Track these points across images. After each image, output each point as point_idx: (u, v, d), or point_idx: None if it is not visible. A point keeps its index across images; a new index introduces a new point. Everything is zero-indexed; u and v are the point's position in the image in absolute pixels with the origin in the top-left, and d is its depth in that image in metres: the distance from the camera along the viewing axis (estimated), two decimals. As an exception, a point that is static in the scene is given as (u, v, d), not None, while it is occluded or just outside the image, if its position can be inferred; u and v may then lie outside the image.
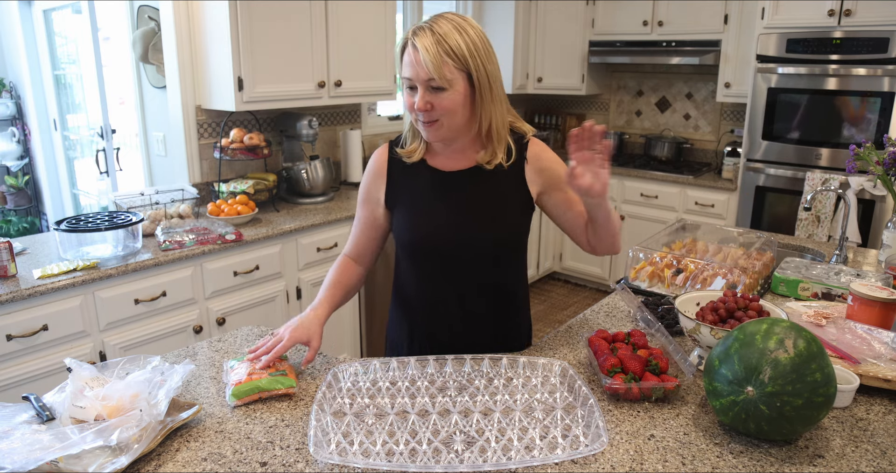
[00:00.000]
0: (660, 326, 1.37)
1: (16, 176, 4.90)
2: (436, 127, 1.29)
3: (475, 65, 1.24)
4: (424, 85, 1.24)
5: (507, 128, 1.36)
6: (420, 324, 1.49)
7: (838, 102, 3.35)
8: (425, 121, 1.28)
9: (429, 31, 1.22)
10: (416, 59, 1.23)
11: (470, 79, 1.25)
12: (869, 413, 1.19)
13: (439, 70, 1.21)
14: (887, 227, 2.06)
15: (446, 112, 1.26)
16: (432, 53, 1.20)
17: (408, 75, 1.26)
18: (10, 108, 4.83)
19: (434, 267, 1.42)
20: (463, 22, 1.25)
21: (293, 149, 3.22)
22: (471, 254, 1.39)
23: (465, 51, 1.23)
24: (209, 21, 2.71)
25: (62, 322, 2.06)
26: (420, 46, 1.21)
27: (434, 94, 1.24)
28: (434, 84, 1.23)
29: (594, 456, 1.04)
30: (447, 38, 1.22)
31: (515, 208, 1.41)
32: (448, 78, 1.22)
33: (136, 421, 1.02)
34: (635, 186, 4.20)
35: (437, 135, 1.31)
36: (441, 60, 1.21)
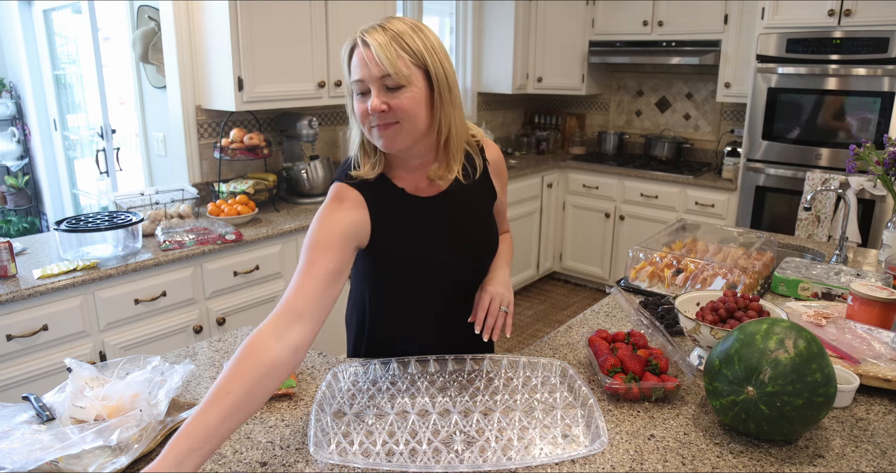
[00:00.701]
0: (660, 326, 1.37)
1: (16, 176, 4.90)
2: (393, 131, 1.13)
3: (433, 62, 1.13)
4: (379, 84, 1.10)
5: (464, 140, 1.25)
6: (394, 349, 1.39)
7: (838, 102, 3.35)
8: (381, 124, 1.13)
9: (380, 29, 1.11)
10: (367, 57, 1.10)
11: (428, 77, 1.13)
12: (869, 413, 1.19)
13: (395, 64, 1.08)
14: (887, 227, 2.06)
15: (405, 113, 1.11)
16: (385, 47, 1.08)
17: (358, 77, 1.12)
18: (10, 108, 4.83)
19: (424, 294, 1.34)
20: (418, 24, 1.16)
21: (293, 149, 3.22)
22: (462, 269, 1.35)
23: (421, 47, 1.12)
24: (209, 21, 2.71)
25: (62, 322, 2.06)
26: (372, 42, 1.09)
27: (390, 94, 1.11)
28: (390, 82, 1.10)
29: (594, 456, 1.04)
30: (402, 34, 1.11)
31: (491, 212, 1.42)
32: (405, 73, 1.10)
33: (136, 421, 1.02)
34: (635, 186, 4.20)
35: (393, 142, 1.14)
36: (396, 54, 1.09)
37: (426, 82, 1.14)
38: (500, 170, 1.42)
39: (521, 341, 3.76)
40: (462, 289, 1.37)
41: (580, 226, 4.53)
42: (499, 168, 1.42)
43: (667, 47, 4.15)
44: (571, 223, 4.57)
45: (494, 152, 1.40)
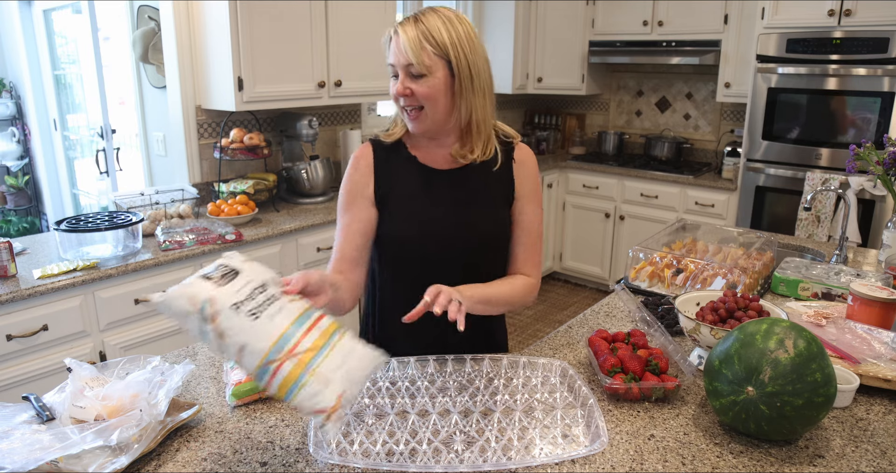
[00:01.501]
0: (660, 326, 1.37)
1: (16, 176, 4.90)
2: (421, 117, 1.29)
3: (455, 53, 1.24)
4: (404, 70, 1.25)
5: (489, 126, 1.35)
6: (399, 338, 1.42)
7: (838, 102, 3.35)
8: (408, 107, 1.29)
9: (413, 20, 1.25)
10: (397, 46, 1.25)
11: (450, 67, 1.25)
12: (869, 413, 1.19)
13: (418, 55, 1.22)
14: (887, 227, 2.06)
15: (426, 99, 1.26)
16: (412, 39, 1.22)
17: (391, 61, 1.28)
18: (10, 108, 4.83)
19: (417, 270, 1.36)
20: (453, 16, 1.27)
21: (293, 149, 3.22)
22: (457, 253, 1.36)
23: (445, 39, 1.23)
24: (209, 21, 2.71)
25: (62, 322, 2.06)
26: (402, 33, 1.24)
27: (414, 81, 1.25)
28: (413, 70, 1.24)
29: (594, 456, 1.04)
30: (430, 26, 1.23)
31: (502, 208, 1.41)
32: (426, 63, 1.23)
33: (136, 421, 1.02)
34: (635, 186, 4.20)
35: (421, 126, 1.31)
36: (420, 45, 1.22)
37: (447, 72, 1.25)
38: (528, 174, 1.42)
39: (521, 341, 3.76)
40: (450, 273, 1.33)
41: (580, 226, 4.53)
42: (527, 172, 1.41)
43: (667, 47, 4.15)
44: (571, 223, 4.57)
45: (526, 157, 1.42)
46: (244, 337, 0.90)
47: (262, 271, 1.00)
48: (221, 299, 0.90)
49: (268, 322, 0.92)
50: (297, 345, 0.91)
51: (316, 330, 0.95)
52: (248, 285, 0.94)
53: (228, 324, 0.89)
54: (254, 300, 0.92)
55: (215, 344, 0.91)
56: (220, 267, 0.96)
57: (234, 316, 0.90)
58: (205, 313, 0.89)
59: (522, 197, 1.41)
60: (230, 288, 0.92)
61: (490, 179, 1.38)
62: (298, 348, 0.91)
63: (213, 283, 0.92)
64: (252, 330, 0.90)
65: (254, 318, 0.91)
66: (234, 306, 0.90)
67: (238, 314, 0.90)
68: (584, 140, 4.94)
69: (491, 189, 1.39)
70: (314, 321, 0.97)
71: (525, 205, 1.41)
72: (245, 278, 0.95)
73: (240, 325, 0.90)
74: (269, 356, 0.90)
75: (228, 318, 0.89)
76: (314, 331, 0.95)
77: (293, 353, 0.90)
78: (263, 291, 0.95)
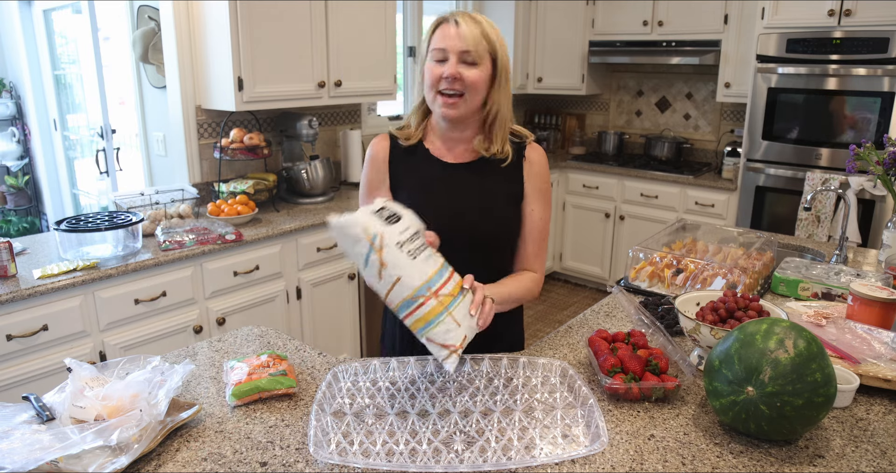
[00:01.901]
0: (660, 326, 1.37)
1: (16, 176, 4.90)
2: (458, 104, 1.33)
3: (501, 53, 1.36)
4: (458, 56, 1.31)
5: (509, 123, 1.42)
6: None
7: (838, 102, 3.35)
8: (448, 90, 1.32)
9: (469, 16, 1.34)
10: (455, 32, 1.31)
11: (494, 65, 1.35)
12: (869, 413, 1.19)
13: (478, 45, 1.31)
14: (887, 227, 2.06)
15: (472, 85, 1.31)
16: (474, 31, 1.31)
17: (442, 46, 1.32)
18: (10, 108, 4.83)
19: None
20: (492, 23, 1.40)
21: (293, 149, 3.22)
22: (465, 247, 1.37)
23: (494, 39, 1.35)
24: (209, 21, 2.71)
25: (62, 322, 2.06)
26: (462, 22, 1.32)
27: (465, 67, 1.31)
28: (468, 58, 1.31)
29: (594, 456, 1.04)
30: (484, 24, 1.35)
31: (512, 203, 1.44)
32: (481, 54, 1.32)
33: (136, 421, 1.02)
34: (635, 186, 4.20)
35: (456, 112, 1.34)
36: (479, 38, 1.32)
37: (492, 67, 1.35)
38: (539, 173, 1.45)
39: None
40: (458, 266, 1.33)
41: (580, 225, 4.53)
42: (535, 168, 1.44)
43: (667, 47, 4.15)
44: (571, 223, 4.57)
45: (537, 156, 1.46)
46: (401, 271, 1.08)
47: (417, 221, 1.17)
48: (388, 236, 1.09)
49: (422, 263, 1.10)
50: (440, 288, 1.10)
51: (453, 281, 1.14)
52: (409, 229, 1.12)
53: (391, 258, 1.08)
54: (412, 243, 1.11)
55: (375, 270, 1.09)
56: (384, 209, 1.13)
57: (396, 252, 1.08)
58: (374, 243, 1.08)
59: (531, 195, 1.44)
60: (396, 228, 1.10)
61: (500, 176, 1.42)
62: (442, 291, 1.10)
63: (382, 221, 1.10)
64: (409, 267, 1.09)
65: (412, 258, 1.09)
66: (397, 244, 1.08)
67: (400, 251, 1.09)
68: (584, 140, 4.95)
69: (500, 185, 1.42)
70: (451, 273, 1.15)
71: (534, 203, 1.44)
72: (406, 222, 1.13)
73: (400, 261, 1.08)
74: (418, 292, 1.09)
75: (391, 253, 1.08)
76: (452, 281, 1.13)
77: (437, 294, 1.09)
78: (419, 237, 1.13)
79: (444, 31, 1.33)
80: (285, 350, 1.45)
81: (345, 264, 3.02)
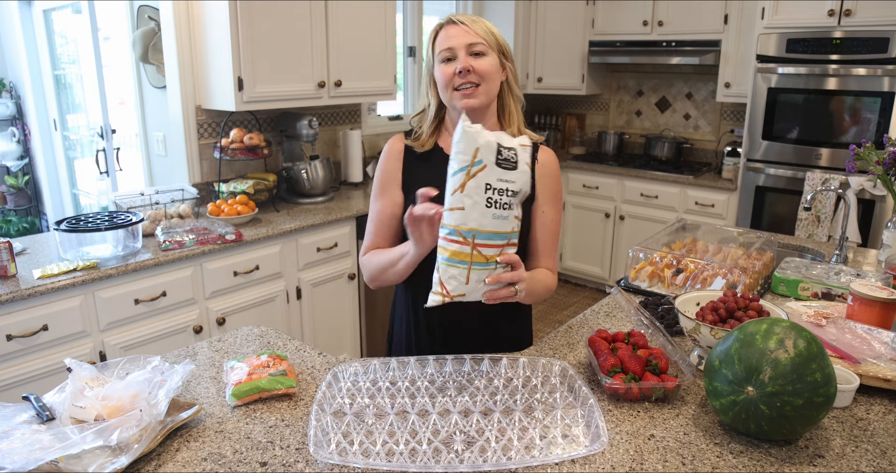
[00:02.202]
0: (660, 326, 1.37)
1: (16, 176, 4.90)
2: (476, 93, 1.35)
3: (505, 49, 1.40)
4: (466, 50, 1.34)
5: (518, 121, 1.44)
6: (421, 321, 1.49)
7: (838, 102, 3.35)
8: (465, 84, 1.34)
9: (467, 15, 1.38)
10: (458, 30, 1.35)
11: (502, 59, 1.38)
12: (869, 413, 1.19)
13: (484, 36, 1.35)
14: (887, 227, 2.06)
15: (485, 74, 1.34)
16: (476, 26, 1.35)
17: (448, 46, 1.35)
18: (10, 108, 4.83)
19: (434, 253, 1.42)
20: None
21: (293, 149, 3.22)
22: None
23: (496, 35, 1.39)
24: (209, 21, 2.71)
25: (62, 322, 2.06)
26: (466, 20, 1.36)
27: (474, 59, 1.34)
28: (476, 49, 1.34)
29: (594, 456, 1.04)
30: (485, 22, 1.39)
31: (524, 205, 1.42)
32: (488, 45, 1.35)
33: (136, 421, 1.02)
34: (635, 186, 4.20)
35: (476, 100, 1.36)
36: (484, 31, 1.36)
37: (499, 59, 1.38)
38: (549, 175, 1.45)
39: (521, 341, 3.76)
40: None
41: (580, 226, 4.53)
42: (547, 171, 1.45)
43: (667, 47, 4.15)
44: (571, 223, 4.57)
45: (548, 159, 1.47)
46: (468, 205, 1.10)
47: (526, 184, 1.16)
48: (488, 172, 1.11)
49: (490, 217, 1.11)
50: (483, 246, 1.11)
51: (496, 249, 1.13)
52: (509, 184, 1.13)
53: (470, 190, 1.10)
54: (500, 195, 1.11)
55: (452, 186, 1.12)
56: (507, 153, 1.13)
57: (479, 190, 1.10)
58: (472, 167, 1.10)
59: (543, 198, 1.44)
60: (498, 173, 1.11)
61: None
62: (481, 248, 1.11)
63: (496, 158, 1.12)
64: (476, 209, 1.10)
65: (486, 205, 1.11)
66: (487, 185, 1.10)
67: (483, 193, 1.10)
68: (584, 140, 4.94)
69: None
70: (505, 243, 1.14)
71: (545, 206, 1.45)
72: (514, 177, 1.13)
73: (475, 198, 1.10)
74: (465, 232, 1.10)
75: (475, 186, 1.10)
76: (495, 249, 1.13)
77: (476, 247, 1.11)
78: (513, 196, 1.13)
79: (447, 32, 1.36)
80: (285, 350, 1.45)
81: (345, 264, 3.02)
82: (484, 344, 1.46)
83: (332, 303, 2.99)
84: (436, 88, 1.41)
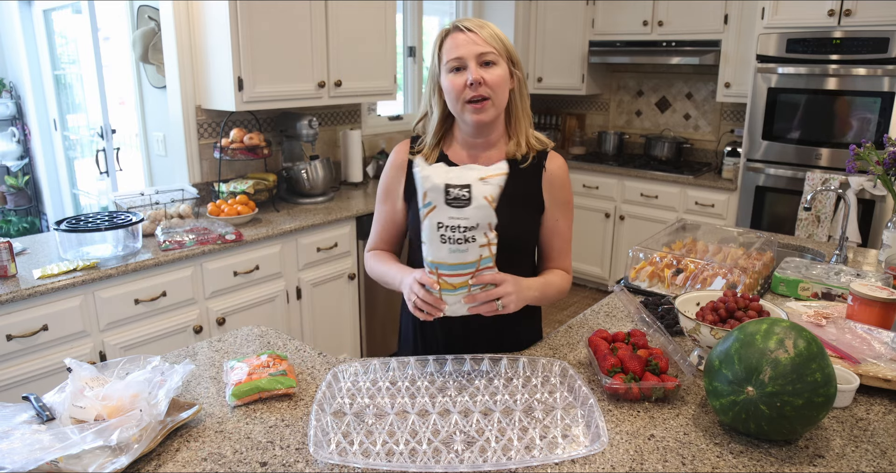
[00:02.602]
0: (660, 326, 1.37)
1: (16, 176, 4.90)
2: (486, 106, 1.32)
3: (513, 55, 1.35)
4: (476, 60, 1.30)
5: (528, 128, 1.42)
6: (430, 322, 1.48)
7: (838, 102, 3.35)
8: (475, 98, 1.30)
9: (472, 20, 1.33)
10: (466, 38, 1.30)
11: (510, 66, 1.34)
12: (869, 413, 1.19)
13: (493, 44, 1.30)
14: (887, 227, 2.06)
15: (496, 86, 1.30)
16: (485, 32, 1.30)
17: (456, 55, 1.30)
18: (10, 108, 4.83)
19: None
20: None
21: (293, 149, 3.22)
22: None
23: (504, 40, 1.34)
24: (209, 21, 2.71)
25: (62, 322, 2.06)
26: (473, 26, 1.31)
27: (485, 69, 1.30)
28: (486, 58, 1.30)
29: (594, 456, 1.04)
30: (492, 26, 1.34)
31: (531, 211, 1.43)
32: (498, 54, 1.31)
33: (136, 421, 1.02)
34: (635, 186, 4.20)
35: (486, 115, 1.33)
36: (493, 38, 1.31)
37: (508, 67, 1.34)
38: (558, 183, 1.43)
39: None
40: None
41: (580, 226, 4.53)
42: (556, 181, 1.43)
43: (667, 47, 4.15)
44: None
45: (557, 165, 1.44)
46: (427, 241, 1.19)
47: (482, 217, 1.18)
48: (438, 212, 1.17)
49: (447, 250, 1.18)
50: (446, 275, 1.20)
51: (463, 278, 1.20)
52: (461, 220, 1.17)
53: (426, 228, 1.18)
54: (454, 232, 1.17)
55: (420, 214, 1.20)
56: (454, 190, 1.17)
57: (433, 228, 1.17)
58: (426, 207, 1.17)
59: (554, 206, 1.43)
60: (448, 212, 1.16)
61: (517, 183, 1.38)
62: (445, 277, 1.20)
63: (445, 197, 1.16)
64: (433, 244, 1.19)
65: (441, 241, 1.18)
66: (438, 223, 1.17)
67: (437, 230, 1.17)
68: (584, 140, 4.94)
69: (520, 190, 1.39)
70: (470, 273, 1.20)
71: (557, 213, 1.44)
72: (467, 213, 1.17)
73: (431, 236, 1.19)
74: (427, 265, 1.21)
75: (429, 225, 1.18)
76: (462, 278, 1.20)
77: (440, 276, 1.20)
78: (469, 231, 1.17)
79: (455, 40, 1.31)
80: (285, 350, 1.45)
81: (345, 264, 3.02)
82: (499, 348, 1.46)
83: (332, 303, 2.99)
84: (441, 96, 1.38)
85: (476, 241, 1.18)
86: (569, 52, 4.53)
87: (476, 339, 1.46)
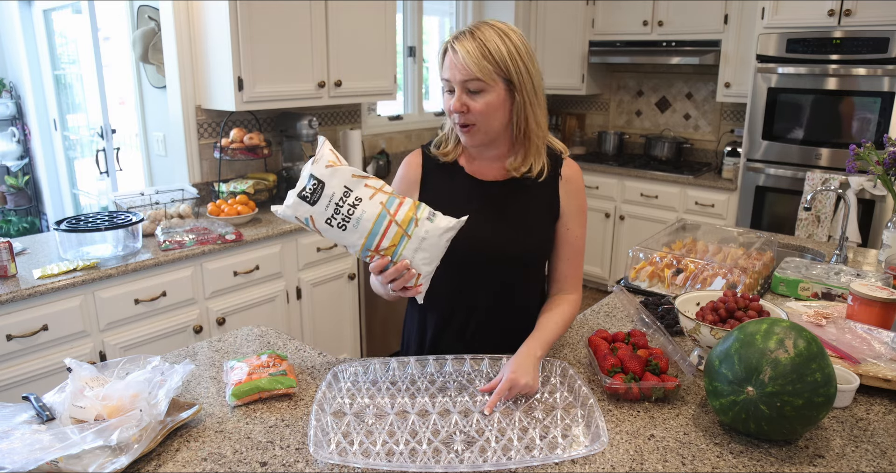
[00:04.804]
0: (660, 326, 1.37)
1: (16, 176, 4.90)
2: (473, 131, 1.29)
3: (516, 69, 1.24)
4: (461, 86, 1.25)
5: (544, 140, 1.35)
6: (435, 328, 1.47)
7: (838, 102, 3.35)
8: (461, 124, 1.28)
9: (470, 36, 1.23)
10: (455, 63, 1.23)
11: (510, 85, 1.25)
12: (869, 413, 1.19)
13: (477, 71, 1.21)
14: (887, 227, 2.06)
15: (482, 115, 1.26)
16: (472, 56, 1.21)
17: (446, 77, 1.27)
18: (10, 108, 4.83)
19: (458, 274, 1.38)
20: (506, 28, 1.27)
21: (293, 149, 3.22)
22: (499, 264, 1.37)
23: (505, 55, 1.23)
24: (209, 21, 2.71)
25: (62, 322, 2.06)
26: (460, 49, 1.22)
27: (470, 97, 1.25)
28: (470, 86, 1.24)
29: (594, 456, 1.04)
30: (488, 42, 1.22)
31: (546, 222, 1.40)
32: (486, 80, 1.22)
33: (136, 421, 1.02)
34: (635, 186, 4.20)
35: (473, 140, 1.31)
36: (480, 64, 1.21)
37: (506, 89, 1.26)
38: (576, 192, 1.41)
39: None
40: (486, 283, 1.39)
41: (580, 225, 4.52)
42: (573, 189, 1.40)
43: (667, 47, 4.15)
44: (571, 223, 4.56)
45: (573, 172, 1.41)
46: (342, 240, 1.20)
47: (344, 174, 1.19)
48: (317, 217, 1.18)
49: (353, 230, 1.17)
50: (378, 245, 1.17)
51: (392, 228, 1.17)
52: (332, 200, 1.17)
53: (329, 234, 1.19)
54: (339, 214, 1.17)
55: (328, 238, 1.21)
56: (311, 178, 1.17)
57: (329, 229, 1.18)
58: (310, 227, 1.19)
59: (568, 214, 1.40)
60: (320, 206, 1.17)
61: (535, 193, 1.37)
62: (381, 246, 1.17)
63: (308, 203, 1.17)
64: (345, 236, 1.19)
65: (342, 230, 1.18)
66: (327, 222, 1.18)
67: (332, 227, 1.18)
68: (584, 140, 4.94)
69: (535, 202, 1.38)
70: (390, 218, 1.17)
71: (570, 222, 1.40)
72: (329, 191, 1.17)
73: (336, 235, 1.19)
74: (363, 252, 1.19)
75: (326, 231, 1.19)
76: (391, 231, 1.17)
77: (378, 250, 1.18)
78: (346, 200, 1.17)
79: (448, 60, 1.26)
80: (285, 350, 1.45)
81: (345, 264, 3.02)
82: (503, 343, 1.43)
83: (332, 303, 2.99)
84: None
85: (361, 202, 1.17)
86: (569, 51, 4.53)
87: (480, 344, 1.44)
